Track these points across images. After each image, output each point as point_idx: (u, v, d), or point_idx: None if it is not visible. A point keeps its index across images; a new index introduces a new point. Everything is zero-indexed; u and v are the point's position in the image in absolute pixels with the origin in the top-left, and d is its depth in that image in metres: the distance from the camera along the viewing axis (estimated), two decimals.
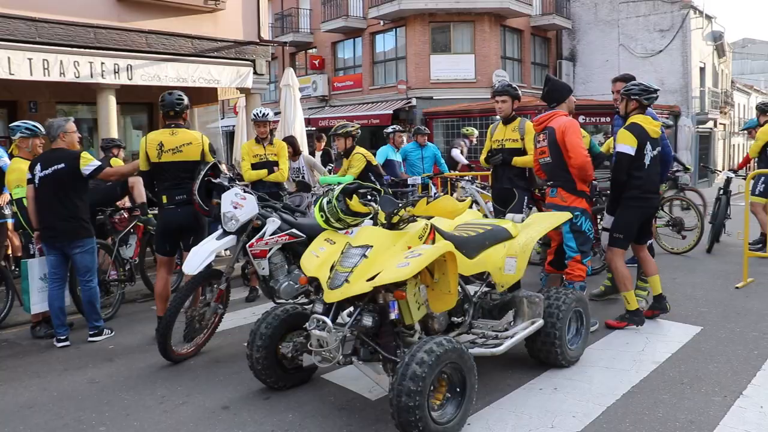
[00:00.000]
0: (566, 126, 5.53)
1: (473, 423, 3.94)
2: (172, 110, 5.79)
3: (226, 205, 5.43)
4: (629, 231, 5.82)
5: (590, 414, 4.07)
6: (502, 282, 4.75)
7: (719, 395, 4.30)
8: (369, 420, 4.07)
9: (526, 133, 6.70)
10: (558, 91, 5.86)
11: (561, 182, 5.66)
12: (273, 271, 5.58)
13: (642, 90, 5.76)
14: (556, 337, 4.68)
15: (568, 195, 5.62)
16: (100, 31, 9.45)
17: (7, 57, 8.36)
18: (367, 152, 7.56)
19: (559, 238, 5.82)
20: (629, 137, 5.63)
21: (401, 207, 4.08)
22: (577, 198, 5.61)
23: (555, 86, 5.93)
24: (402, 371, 3.47)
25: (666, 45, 26.40)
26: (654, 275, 6.07)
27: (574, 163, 5.47)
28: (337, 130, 7.49)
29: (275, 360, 4.49)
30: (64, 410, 4.44)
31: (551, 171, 5.74)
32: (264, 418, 4.17)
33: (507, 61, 26.38)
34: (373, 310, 3.95)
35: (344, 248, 4.07)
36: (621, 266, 5.85)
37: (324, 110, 28.18)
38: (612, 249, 5.87)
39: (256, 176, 7.31)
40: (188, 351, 5.43)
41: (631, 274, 5.93)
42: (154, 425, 4.15)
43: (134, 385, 4.88)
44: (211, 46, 10.85)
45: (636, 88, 5.78)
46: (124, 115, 12.52)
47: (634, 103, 5.79)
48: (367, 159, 7.42)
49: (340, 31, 27.52)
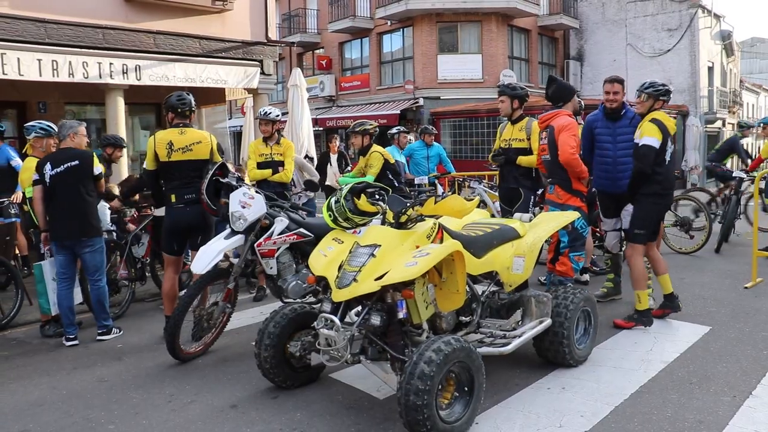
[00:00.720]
0: (563, 125, 5.75)
1: (481, 422, 3.94)
2: (174, 111, 5.82)
3: (235, 205, 5.44)
4: (651, 226, 5.87)
5: (598, 413, 4.06)
6: (509, 281, 4.75)
7: (728, 395, 4.29)
8: (377, 419, 4.08)
9: (533, 133, 6.70)
10: (564, 90, 6.05)
11: (558, 180, 5.90)
12: (281, 271, 5.60)
13: (667, 91, 5.83)
14: (564, 337, 4.68)
15: (564, 193, 5.88)
16: (109, 31, 9.48)
17: (17, 58, 8.40)
18: (384, 150, 7.55)
19: (556, 235, 5.84)
20: (656, 130, 5.62)
21: (409, 206, 4.08)
22: (572, 196, 5.86)
23: (561, 86, 6.09)
24: (410, 370, 3.48)
25: (674, 44, 26.33)
26: (664, 274, 6.06)
27: (561, 159, 5.71)
28: (354, 127, 7.48)
29: (283, 359, 4.50)
30: (73, 408, 4.46)
31: (550, 168, 5.98)
32: (272, 417, 4.18)
33: (514, 60, 26.36)
34: (381, 309, 3.95)
35: (352, 247, 4.08)
36: (640, 264, 5.88)
37: (331, 110, 28.23)
38: (633, 245, 5.90)
39: (260, 175, 7.30)
40: (196, 350, 5.45)
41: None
42: (162, 423, 4.16)
43: (143, 384, 4.90)
44: (218, 46, 10.87)
45: (663, 89, 5.80)
46: (132, 116, 12.56)
47: (660, 103, 5.80)
48: (385, 158, 7.41)
49: (347, 31, 27.56)
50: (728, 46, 31.60)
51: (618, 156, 6.13)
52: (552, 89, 6.02)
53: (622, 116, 6.16)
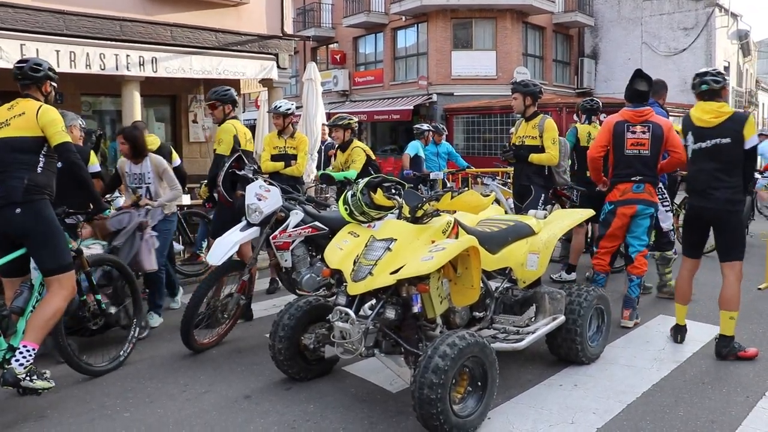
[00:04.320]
0: (670, 124, 5.77)
1: (494, 417, 3.97)
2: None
3: (251, 197, 5.47)
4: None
5: (610, 411, 4.07)
6: (524, 278, 4.76)
7: (741, 395, 4.29)
8: (390, 412, 4.11)
9: (545, 131, 6.67)
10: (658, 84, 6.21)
11: (650, 178, 5.74)
12: (295, 263, 5.63)
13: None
14: (577, 334, 4.69)
15: (654, 191, 5.82)
16: (126, 24, 9.55)
17: (36, 48, 8.50)
18: (365, 146, 7.52)
19: (622, 237, 5.89)
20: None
21: (425, 201, 4.10)
22: (656, 195, 5.92)
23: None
24: (425, 364, 3.50)
25: (690, 43, 26.18)
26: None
27: (680, 158, 5.56)
28: (337, 121, 7.41)
29: (297, 351, 4.53)
30: (89, 395, 4.52)
31: (639, 165, 5.71)
32: (285, 408, 4.22)
33: (528, 58, 26.30)
34: (396, 303, 3.98)
35: (368, 241, 4.11)
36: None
37: (344, 105, 28.25)
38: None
39: (273, 168, 7.27)
40: (210, 341, 5.49)
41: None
42: (177, 412, 4.21)
43: (157, 374, 4.95)
44: (234, 39, 10.92)
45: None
46: (147, 108, 12.64)
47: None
48: (367, 153, 7.37)
49: (361, 26, 27.58)
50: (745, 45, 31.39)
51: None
52: (642, 84, 5.79)
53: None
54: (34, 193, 4.30)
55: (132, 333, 5.30)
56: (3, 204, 4.25)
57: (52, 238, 4.35)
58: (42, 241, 4.31)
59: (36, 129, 4.35)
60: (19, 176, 4.27)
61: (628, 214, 5.73)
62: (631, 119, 5.72)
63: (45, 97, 4.58)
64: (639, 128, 5.69)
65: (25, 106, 4.41)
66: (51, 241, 4.35)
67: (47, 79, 4.58)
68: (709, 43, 25.93)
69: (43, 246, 4.33)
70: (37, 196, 4.32)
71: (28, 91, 4.51)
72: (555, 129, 6.70)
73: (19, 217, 4.25)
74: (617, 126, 5.75)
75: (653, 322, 5.97)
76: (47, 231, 4.34)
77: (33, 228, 4.30)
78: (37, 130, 4.35)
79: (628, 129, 5.72)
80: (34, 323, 4.23)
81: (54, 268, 4.34)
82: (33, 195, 4.29)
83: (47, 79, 4.58)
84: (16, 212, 4.24)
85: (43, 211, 4.34)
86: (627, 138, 5.71)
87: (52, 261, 4.34)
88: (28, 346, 4.15)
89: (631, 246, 5.85)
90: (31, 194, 4.28)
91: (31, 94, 4.51)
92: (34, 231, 4.30)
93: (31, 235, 4.31)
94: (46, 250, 4.34)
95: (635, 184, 5.69)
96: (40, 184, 4.35)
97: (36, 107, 4.38)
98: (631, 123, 5.71)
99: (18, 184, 4.25)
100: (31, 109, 4.38)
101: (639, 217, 5.75)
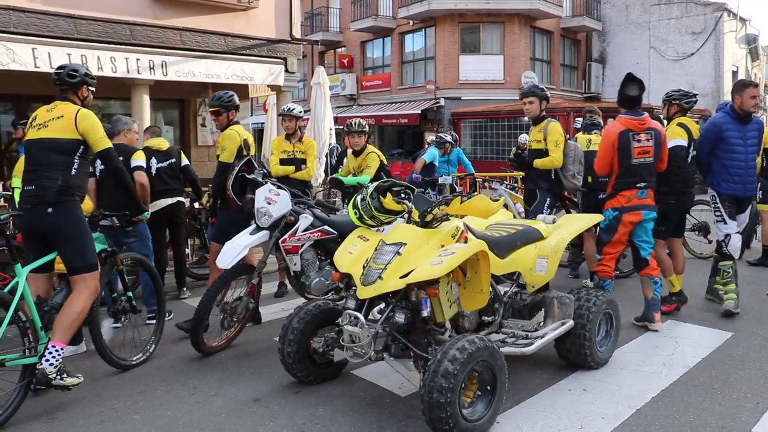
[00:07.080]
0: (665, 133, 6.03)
1: (503, 422, 3.97)
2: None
3: (260, 201, 5.50)
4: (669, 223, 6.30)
5: (619, 416, 4.07)
6: (532, 282, 4.76)
7: (751, 401, 4.27)
8: (399, 416, 4.11)
9: (548, 134, 6.66)
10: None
11: (653, 184, 5.82)
12: (304, 267, 5.65)
13: (681, 95, 6.30)
14: (585, 339, 4.68)
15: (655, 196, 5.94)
16: (136, 28, 9.60)
17: (48, 52, 8.56)
18: (378, 151, 7.53)
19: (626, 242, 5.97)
20: (681, 132, 6.15)
21: (435, 205, 4.11)
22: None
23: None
24: (434, 368, 3.51)
25: (698, 48, 26.10)
26: (679, 274, 6.34)
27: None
28: (355, 127, 7.41)
29: (306, 354, 4.54)
30: (98, 398, 4.54)
31: (644, 172, 5.76)
32: (295, 412, 4.23)
33: (536, 62, 26.27)
34: (405, 307, 3.99)
35: (378, 245, 4.12)
36: (663, 255, 6.39)
37: (352, 109, 28.30)
38: (656, 240, 6.13)
39: (283, 172, 7.29)
40: (219, 344, 5.52)
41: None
42: (186, 415, 4.23)
43: (166, 376, 4.97)
44: (243, 43, 10.96)
45: (676, 94, 6.33)
46: (156, 111, 12.68)
47: (675, 107, 6.30)
48: (381, 159, 7.38)
49: (369, 30, 27.62)
50: (753, 50, 31.28)
51: (749, 159, 6.30)
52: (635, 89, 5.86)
53: (751, 120, 6.33)
54: (66, 194, 4.44)
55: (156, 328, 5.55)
56: (36, 203, 4.39)
57: (80, 237, 4.49)
58: (70, 239, 4.45)
59: (73, 132, 4.50)
60: (54, 177, 4.41)
61: (634, 221, 5.74)
62: (635, 128, 5.73)
63: (82, 101, 4.76)
64: (643, 136, 5.72)
65: (64, 109, 4.58)
66: (79, 240, 4.48)
67: (84, 84, 4.77)
68: (718, 47, 25.85)
69: (71, 244, 4.46)
70: (69, 197, 4.46)
71: (66, 95, 4.70)
72: (559, 132, 6.65)
73: (50, 217, 4.39)
74: (622, 136, 5.72)
75: (662, 326, 5.94)
76: (76, 230, 4.47)
77: (62, 227, 4.43)
78: (74, 133, 4.51)
79: (633, 138, 5.71)
80: (61, 324, 4.35)
81: (80, 266, 4.48)
82: (65, 196, 4.43)
83: (84, 84, 4.77)
84: (48, 212, 4.38)
85: (74, 212, 4.49)
86: (634, 147, 5.70)
87: (79, 259, 4.48)
88: (57, 345, 4.27)
89: (642, 250, 5.86)
90: (63, 195, 4.42)
91: (68, 98, 4.69)
92: (63, 230, 4.43)
93: (60, 233, 4.44)
94: (74, 248, 4.47)
95: (640, 191, 5.72)
96: (72, 185, 4.49)
97: (74, 111, 4.56)
98: (635, 131, 5.72)
99: (52, 185, 4.40)
100: (69, 112, 4.54)
101: (644, 221, 5.78)
